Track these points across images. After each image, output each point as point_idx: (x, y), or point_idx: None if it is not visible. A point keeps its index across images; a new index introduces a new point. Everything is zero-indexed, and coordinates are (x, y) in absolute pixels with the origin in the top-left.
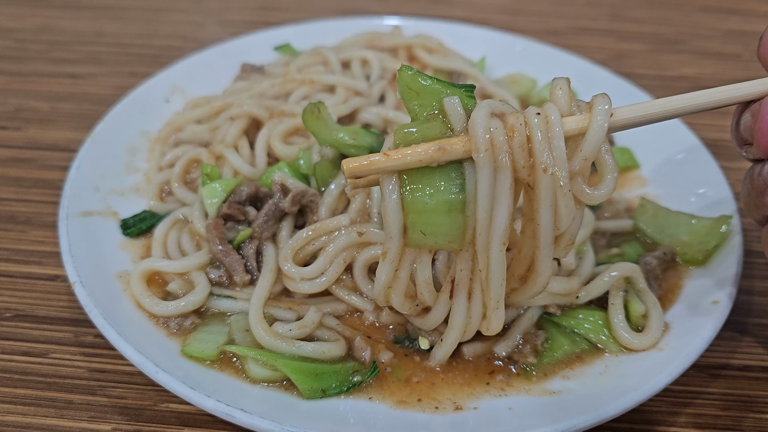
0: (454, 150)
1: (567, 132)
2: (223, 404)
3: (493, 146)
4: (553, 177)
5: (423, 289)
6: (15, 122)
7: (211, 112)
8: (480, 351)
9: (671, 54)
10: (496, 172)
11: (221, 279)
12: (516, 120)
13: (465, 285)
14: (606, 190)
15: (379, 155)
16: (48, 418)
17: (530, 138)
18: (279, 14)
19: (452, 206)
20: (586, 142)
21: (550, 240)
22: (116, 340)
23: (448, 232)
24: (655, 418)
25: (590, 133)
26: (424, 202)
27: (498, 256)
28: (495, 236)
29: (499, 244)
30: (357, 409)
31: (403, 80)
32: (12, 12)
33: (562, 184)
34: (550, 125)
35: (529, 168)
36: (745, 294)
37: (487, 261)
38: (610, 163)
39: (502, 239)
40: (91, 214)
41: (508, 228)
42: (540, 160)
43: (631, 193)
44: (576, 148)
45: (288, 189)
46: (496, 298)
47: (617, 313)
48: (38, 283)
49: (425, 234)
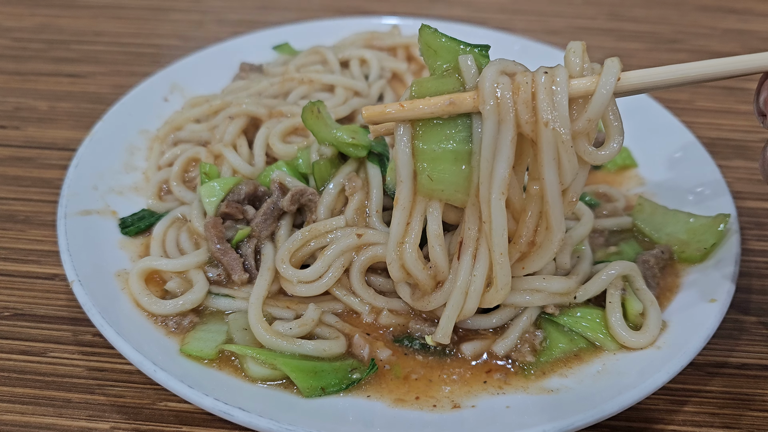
0: (463, 104)
1: (574, 93)
2: (221, 403)
3: (498, 101)
4: (554, 132)
5: (434, 242)
6: (14, 121)
7: (210, 111)
8: (478, 350)
9: (669, 53)
10: (500, 124)
11: (219, 278)
12: (523, 78)
13: (472, 243)
14: (610, 152)
15: (395, 105)
16: (46, 417)
17: (535, 95)
18: (278, 13)
19: (459, 156)
20: (591, 104)
21: (557, 193)
22: (115, 338)
23: (454, 180)
24: (652, 416)
25: (596, 95)
26: (432, 150)
27: (498, 205)
28: (495, 185)
29: (498, 194)
30: (355, 407)
31: (423, 38)
32: (11, 11)
33: (564, 139)
34: (555, 84)
35: (533, 124)
36: (742, 292)
37: (488, 211)
38: (617, 127)
39: (501, 188)
40: (89, 213)
41: (507, 178)
42: (542, 115)
43: (628, 192)
44: (583, 109)
45: (286, 188)
46: (499, 249)
47: (615, 311)
48: (37, 282)
49: (433, 180)
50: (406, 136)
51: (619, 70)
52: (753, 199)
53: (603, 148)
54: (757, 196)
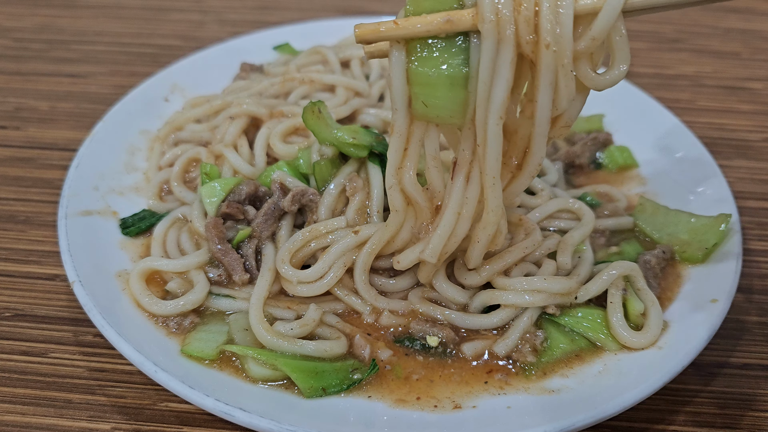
0: (461, 21)
1: (580, 11)
2: (222, 403)
3: (498, 18)
4: (555, 54)
5: (430, 163)
6: (14, 121)
7: (211, 111)
8: (479, 350)
9: (671, 52)
10: (499, 44)
11: (220, 278)
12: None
13: (465, 165)
14: (612, 77)
15: (389, 23)
16: (47, 418)
17: (538, 12)
18: (278, 13)
19: (454, 81)
20: (597, 20)
21: (546, 119)
22: (115, 339)
23: (449, 106)
24: (653, 416)
25: (602, 12)
26: (427, 75)
27: (495, 130)
28: (492, 109)
29: (496, 118)
30: (356, 407)
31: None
32: (11, 11)
33: (565, 62)
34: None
35: (533, 44)
36: (744, 292)
37: (484, 135)
38: (623, 52)
39: (499, 113)
40: (90, 214)
41: (505, 102)
42: (544, 35)
43: (629, 192)
44: (588, 27)
45: (287, 188)
46: (492, 173)
47: (616, 311)
48: (37, 282)
49: (427, 106)
50: (401, 59)
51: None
52: (754, 199)
53: (605, 73)
54: (759, 196)
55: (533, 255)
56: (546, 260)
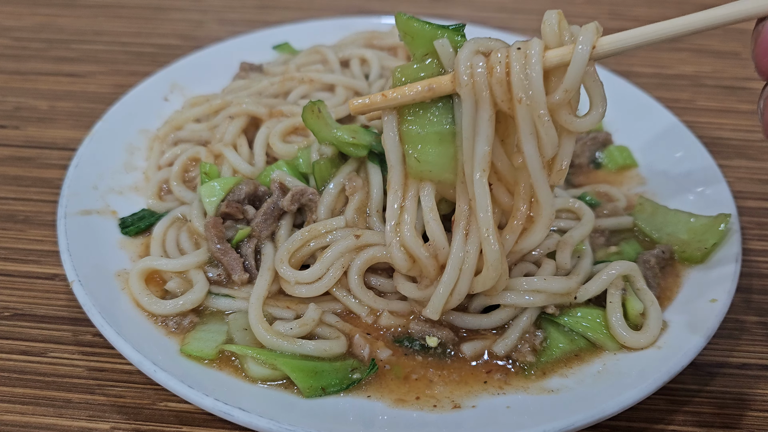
0: (442, 88)
1: (550, 64)
2: (221, 403)
3: (473, 81)
4: (529, 107)
5: (428, 217)
6: (14, 121)
7: (210, 110)
8: (479, 350)
9: (670, 52)
10: (477, 105)
11: (220, 278)
12: (497, 57)
13: (463, 218)
14: (591, 119)
15: (377, 96)
16: (46, 417)
17: (509, 72)
18: (278, 13)
19: (443, 137)
20: (567, 75)
21: (538, 166)
22: (115, 339)
23: (440, 161)
24: (653, 416)
25: (571, 65)
26: (417, 133)
27: (480, 183)
28: (476, 164)
29: (480, 170)
30: (355, 407)
31: (399, 26)
32: (11, 10)
33: (540, 113)
34: (528, 58)
35: (509, 101)
36: (743, 292)
37: (473, 189)
38: (599, 95)
39: (482, 166)
40: (89, 213)
41: (488, 156)
42: (516, 93)
43: (629, 192)
44: (560, 80)
45: (287, 188)
46: (485, 225)
47: (615, 311)
48: (37, 282)
49: (420, 162)
50: (393, 122)
51: (594, 37)
52: (754, 199)
53: (585, 116)
54: (758, 195)
55: (532, 255)
56: (545, 260)
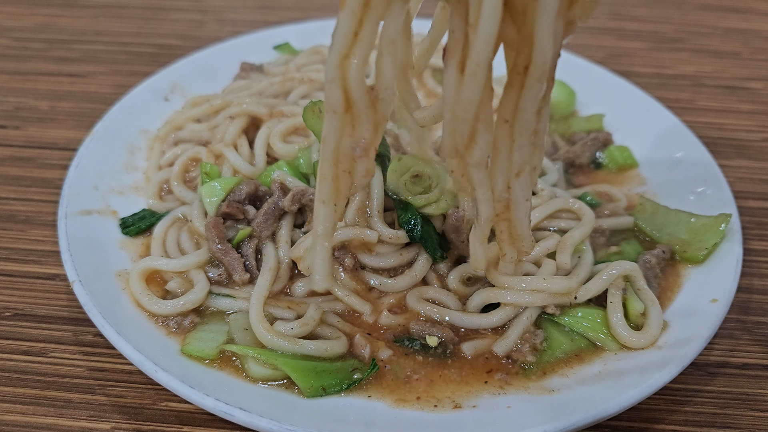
0: None
1: None
2: (222, 403)
3: None
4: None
5: (385, 50)
6: (14, 121)
7: (211, 110)
8: (479, 349)
9: (670, 52)
10: None
11: (220, 278)
12: None
13: (457, 51)
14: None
15: None
16: (47, 417)
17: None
18: (278, 13)
19: None
20: None
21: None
22: (115, 339)
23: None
24: (653, 416)
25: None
26: None
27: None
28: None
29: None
30: (356, 407)
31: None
32: (11, 10)
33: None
34: None
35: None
36: (744, 292)
37: (478, 7)
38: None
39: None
40: (90, 213)
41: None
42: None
43: (630, 192)
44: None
45: (287, 188)
46: (479, 58)
47: (616, 311)
48: (37, 282)
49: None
50: None
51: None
52: (754, 199)
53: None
54: (759, 195)
55: (532, 255)
56: (545, 260)
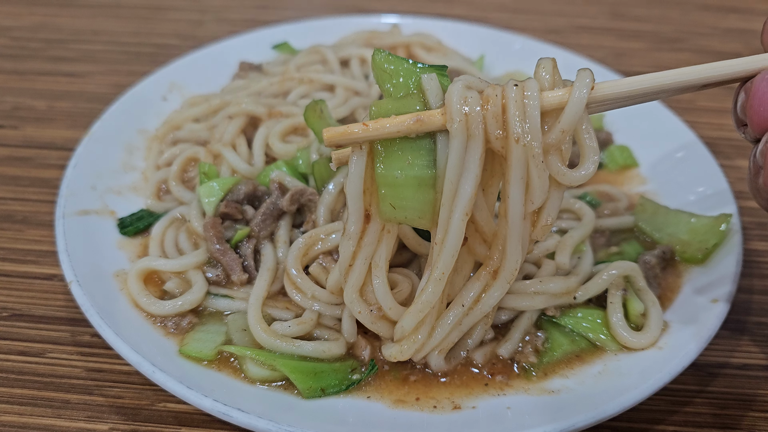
0: (431, 121)
1: (546, 106)
2: (220, 404)
3: (467, 116)
4: (525, 147)
5: (374, 273)
6: (12, 121)
7: (209, 110)
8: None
9: (671, 52)
10: (468, 141)
11: (218, 278)
12: (492, 91)
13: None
14: (585, 173)
15: (358, 125)
16: (45, 418)
17: (505, 108)
18: (277, 12)
19: (422, 181)
20: (564, 114)
21: (519, 215)
22: (113, 339)
23: (417, 207)
24: (654, 416)
25: (569, 105)
26: (394, 176)
27: (458, 225)
28: (459, 205)
29: (462, 214)
30: (355, 408)
31: (377, 62)
32: (9, 10)
33: (535, 153)
34: (526, 96)
35: (503, 139)
36: (744, 293)
37: (444, 232)
38: (591, 146)
39: (465, 209)
40: (88, 213)
41: (472, 198)
42: (513, 130)
43: (630, 192)
44: (555, 121)
45: (286, 188)
46: (443, 268)
47: (616, 311)
48: (35, 282)
49: (395, 207)
50: (361, 163)
51: (592, 80)
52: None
53: (577, 169)
54: None
55: (532, 255)
56: (545, 260)
